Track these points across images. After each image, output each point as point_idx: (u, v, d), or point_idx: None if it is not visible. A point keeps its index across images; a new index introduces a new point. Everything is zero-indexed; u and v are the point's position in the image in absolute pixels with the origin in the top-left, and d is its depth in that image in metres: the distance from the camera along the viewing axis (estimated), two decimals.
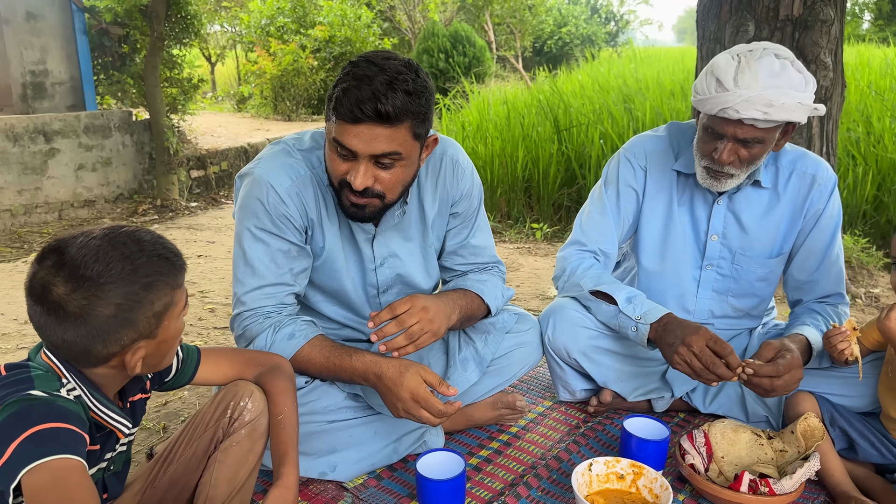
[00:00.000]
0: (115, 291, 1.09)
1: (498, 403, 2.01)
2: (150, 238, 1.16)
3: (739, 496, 1.64)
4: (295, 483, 1.35)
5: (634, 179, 2.02)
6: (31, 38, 6.07)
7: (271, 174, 1.67)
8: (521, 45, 20.67)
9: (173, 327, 1.21)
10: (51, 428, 1.04)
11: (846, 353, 1.67)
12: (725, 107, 1.69)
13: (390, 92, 1.44)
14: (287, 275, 1.71)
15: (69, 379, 1.15)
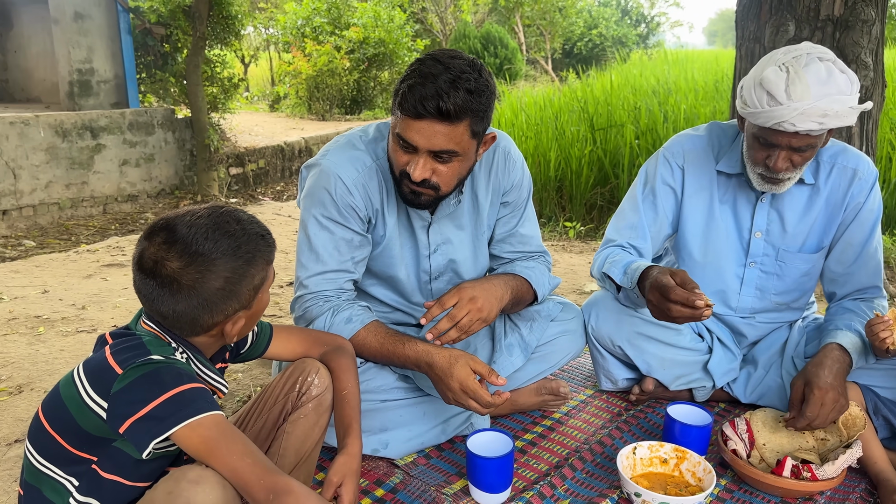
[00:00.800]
0: (223, 266, 1.18)
1: (542, 389, 2.07)
2: (247, 218, 1.26)
3: (782, 481, 1.68)
4: (358, 452, 1.43)
5: (672, 178, 2.05)
6: (79, 37, 6.27)
7: (339, 166, 1.75)
8: (550, 46, 20.70)
9: (265, 299, 1.30)
10: (190, 389, 1.15)
11: (888, 341, 1.70)
12: (781, 121, 1.71)
13: (452, 90, 1.51)
14: (349, 262, 1.79)
15: (175, 344, 1.24)
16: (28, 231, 5.03)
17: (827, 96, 1.68)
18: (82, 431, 1.20)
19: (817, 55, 1.74)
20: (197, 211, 1.22)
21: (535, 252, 2.05)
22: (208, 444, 1.14)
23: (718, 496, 1.74)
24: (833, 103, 1.68)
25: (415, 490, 1.74)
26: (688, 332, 2.11)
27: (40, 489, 1.26)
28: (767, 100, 1.72)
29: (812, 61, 1.72)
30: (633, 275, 1.83)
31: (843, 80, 1.73)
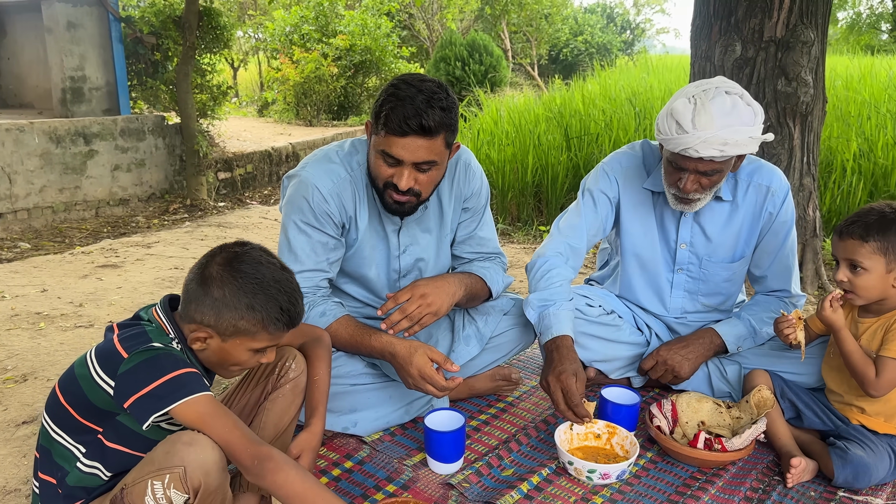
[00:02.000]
0: (231, 288, 1.41)
1: (496, 376, 2.33)
2: (290, 290, 1.47)
3: (696, 452, 1.94)
4: (320, 431, 1.66)
5: (610, 189, 2.27)
6: (71, 45, 6.46)
7: (316, 177, 1.99)
8: (536, 53, 20.99)
9: (239, 353, 1.47)
10: (186, 373, 1.37)
11: (791, 337, 1.96)
12: (686, 147, 1.92)
13: (430, 109, 1.76)
14: (324, 263, 2.03)
15: (174, 335, 1.47)
16: (23, 234, 5.23)
17: (729, 127, 1.89)
18: (91, 405, 1.43)
19: (725, 89, 1.95)
20: (274, 259, 1.49)
21: (492, 253, 2.30)
22: (202, 418, 1.36)
23: (644, 466, 1.99)
24: (734, 133, 1.89)
25: (380, 462, 1.98)
26: (627, 327, 2.36)
27: (51, 453, 1.50)
28: (676, 128, 1.93)
29: (719, 94, 1.93)
30: (545, 331, 2.04)
31: (747, 112, 1.93)
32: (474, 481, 1.90)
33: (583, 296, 2.33)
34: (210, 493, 1.37)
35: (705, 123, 1.90)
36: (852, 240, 1.87)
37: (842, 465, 1.86)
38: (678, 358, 2.22)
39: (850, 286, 1.88)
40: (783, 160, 3.57)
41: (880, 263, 1.84)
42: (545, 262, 2.20)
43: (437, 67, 13.51)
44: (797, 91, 3.48)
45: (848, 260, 1.88)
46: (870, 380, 1.85)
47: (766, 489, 1.89)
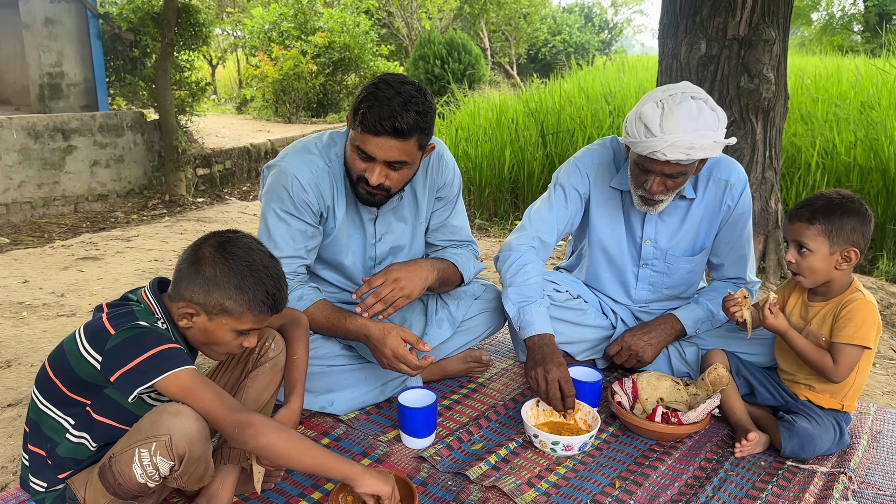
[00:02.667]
0: (220, 270, 1.49)
1: (467, 358, 2.43)
2: (276, 276, 1.55)
3: (654, 425, 2.06)
4: (298, 408, 1.75)
5: (581, 184, 2.36)
6: (49, 42, 6.47)
7: (295, 167, 2.07)
8: (515, 52, 21.15)
9: (224, 333, 1.54)
10: (169, 348, 1.45)
11: (736, 315, 2.08)
12: (654, 150, 1.98)
13: (405, 112, 1.84)
14: (302, 250, 2.11)
15: (160, 315, 1.55)
16: (1, 228, 5.26)
17: (695, 131, 1.96)
18: (79, 379, 1.51)
19: (691, 94, 2.02)
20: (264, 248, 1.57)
21: (464, 241, 2.40)
22: (185, 391, 1.45)
23: (606, 440, 2.11)
24: (700, 138, 1.97)
25: (355, 439, 2.08)
26: (592, 311, 2.48)
27: (40, 425, 1.57)
28: (644, 131, 2.01)
29: (685, 99, 2.00)
30: (526, 326, 2.15)
31: (712, 118, 2.01)
32: (445, 454, 2.00)
33: (550, 281, 2.44)
34: (194, 461, 1.46)
35: (673, 127, 1.97)
36: (800, 222, 1.99)
37: (789, 436, 1.99)
38: (641, 343, 2.33)
39: (797, 267, 2.00)
40: (746, 154, 3.71)
41: (824, 245, 1.96)
42: (520, 256, 2.30)
43: (416, 65, 13.59)
44: (759, 87, 3.61)
45: (796, 241, 2.00)
46: (829, 368, 1.96)
47: (718, 460, 2.01)
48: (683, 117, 1.98)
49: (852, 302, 1.97)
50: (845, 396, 2.07)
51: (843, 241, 1.95)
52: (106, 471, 1.46)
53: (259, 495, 1.81)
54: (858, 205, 1.97)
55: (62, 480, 1.57)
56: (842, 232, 1.95)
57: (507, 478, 1.88)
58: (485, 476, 1.89)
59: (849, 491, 1.88)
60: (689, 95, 2.03)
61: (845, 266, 1.97)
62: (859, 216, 1.96)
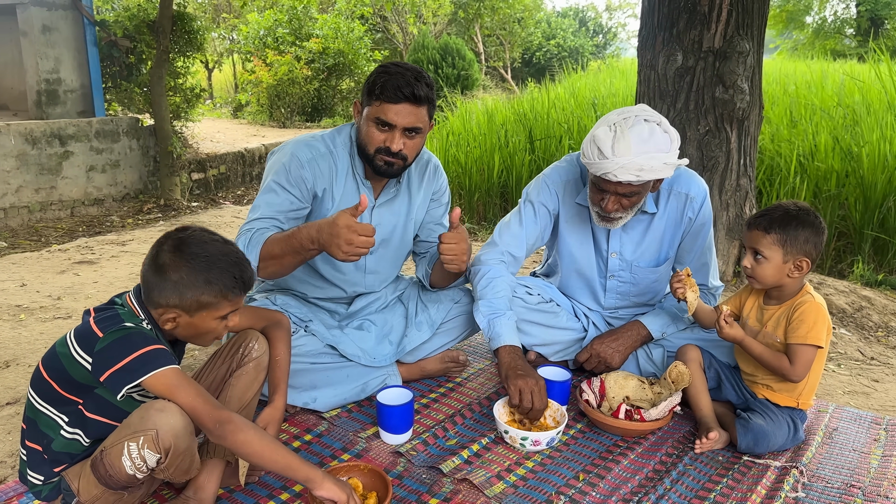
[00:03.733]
0: (186, 269, 1.59)
1: (445, 358, 2.55)
2: (237, 260, 1.65)
3: (618, 421, 2.18)
4: (282, 406, 1.88)
5: (549, 201, 2.47)
6: (46, 49, 6.57)
7: (297, 147, 2.22)
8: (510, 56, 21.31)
9: (208, 323, 1.64)
10: (154, 349, 1.55)
11: (678, 293, 2.21)
12: (606, 171, 2.09)
13: (418, 82, 2.07)
14: (281, 216, 2.14)
15: (144, 317, 1.66)
16: (0, 233, 5.36)
17: (645, 153, 2.07)
18: (72, 379, 1.62)
19: (644, 117, 2.13)
20: (216, 236, 1.66)
21: None
22: (170, 388, 1.56)
23: (573, 436, 2.23)
24: (650, 160, 2.08)
25: (336, 435, 2.20)
26: (565, 314, 2.59)
27: (37, 423, 1.69)
28: (597, 153, 2.12)
29: (638, 123, 2.11)
30: (495, 337, 2.24)
31: (664, 140, 2.11)
32: (421, 450, 2.12)
33: (524, 285, 2.56)
34: (179, 454, 1.57)
35: (623, 150, 2.07)
36: (757, 231, 2.11)
37: (744, 432, 2.11)
38: (609, 350, 2.45)
39: (752, 272, 2.13)
40: (721, 162, 3.84)
41: (778, 254, 2.08)
42: (489, 270, 2.40)
43: None
44: (734, 98, 3.74)
45: (752, 248, 2.13)
46: (787, 369, 2.08)
47: (679, 455, 2.13)
48: (634, 140, 2.08)
49: (803, 304, 2.10)
50: (801, 395, 2.19)
51: (797, 251, 2.07)
52: (97, 463, 1.57)
53: (243, 487, 1.93)
54: (813, 217, 2.09)
55: (57, 473, 1.69)
56: (796, 242, 2.07)
57: (478, 471, 2.00)
58: (457, 469, 2.01)
59: (799, 484, 2.00)
60: (642, 118, 2.13)
61: (797, 274, 2.09)
62: (813, 228, 2.08)
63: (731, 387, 2.31)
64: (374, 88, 2.08)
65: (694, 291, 2.22)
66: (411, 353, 2.47)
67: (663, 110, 3.88)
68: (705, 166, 3.84)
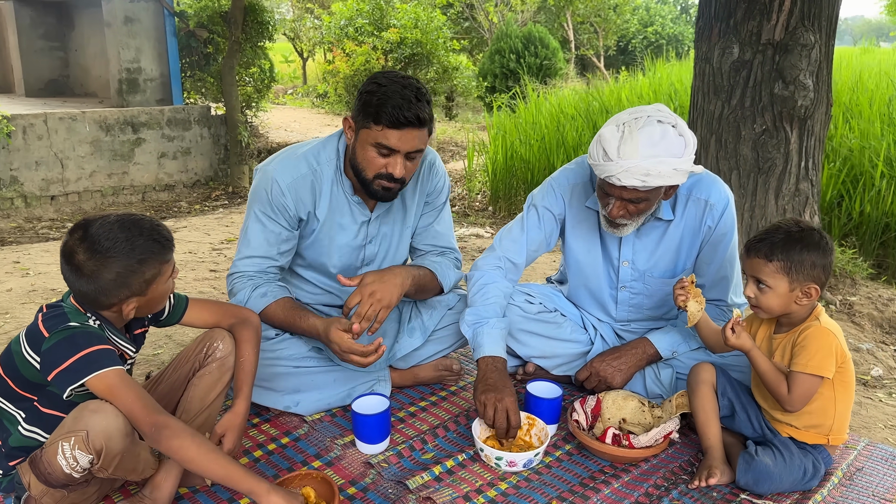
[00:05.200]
0: (117, 263, 1.57)
1: (439, 366, 2.46)
2: (149, 225, 1.63)
3: (603, 446, 2.02)
4: (243, 411, 1.82)
5: (556, 206, 2.32)
6: (128, 39, 6.88)
7: (277, 171, 2.15)
8: (603, 44, 20.72)
9: (160, 289, 1.66)
10: (98, 350, 1.55)
11: (679, 301, 2.01)
12: (610, 175, 1.93)
13: (419, 102, 1.94)
14: (274, 251, 2.19)
15: (90, 315, 1.65)
16: (72, 215, 5.65)
17: (654, 157, 1.89)
18: (24, 378, 1.63)
19: (658, 118, 1.94)
20: (110, 216, 1.61)
21: (446, 248, 2.43)
22: (110, 389, 1.55)
23: (559, 458, 2.09)
24: (658, 164, 1.89)
25: (314, 440, 2.15)
26: (569, 325, 2.44)
27: (1, 419, 1.71)
28: (602, 155, 1.96)
29: (650, 123, 1.92)
30: (477, 348, 2.14)
31: (677, 143, 1.93)
32: (394, 462, 2.05)
33: (524, 293, 2.42)
34: (113, 456, 1.56)
35: (629, 153, 1.91)
36: (758, 258, 1.89)
37: (745, 468, 1.91)
38: (610, 370, 2.29)
39: (757, 302, 1.92)
40: (778, 164, 3.54)
41: (783, 282, 1.86)
42: (482, 276, 2.29)
43: (492, 60, 13.56)
44: (794, 95, 3.44)
45: (754, 277, 1.92)
46: (783, 396, 1.88)
47: (668, 487, 1.96)
48: (643, 142, 1.91)
49: (807, 330, 1.88)
50: (831, 431, 1.96)
51: (804, 277, 1.85)
52: (37, 461, 1.58)
53: (209, 488, 1.91)
54: (818, 238, 1.87)
55: (13, 468, 1.71)
56: (802, 268, 1.85)
57: (446, 490, 1.90)
58: (424, 486, 1.92)
59: None
60: (655, 119, 1.95)
61: (805, 301, 1.88)
62: (819, 251, 1.86)
63: (746, 419, 2.09)
64: (371, 110, 1.94)
65: (698, 302, 2.02)
66: (403, 359, 2.40)
67: (717, 107, 3.62)
68: (760, 168, 3.55)
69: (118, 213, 1.64)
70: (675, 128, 1.96)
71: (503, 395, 2.00)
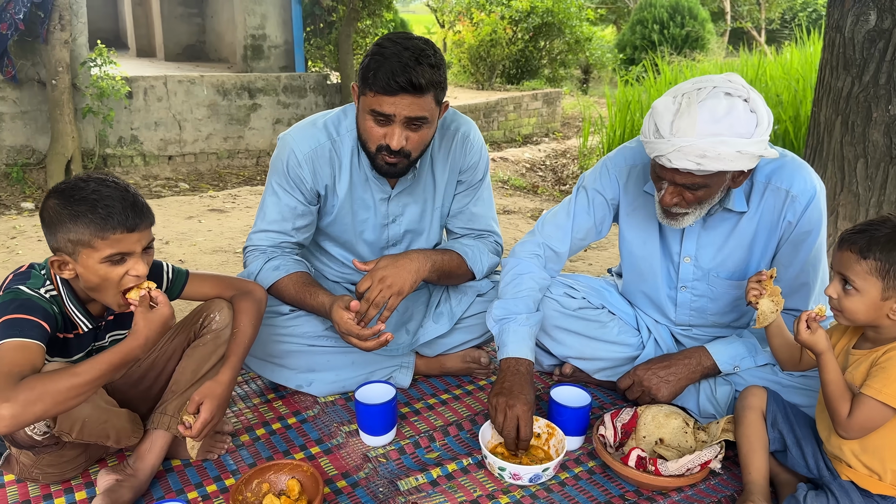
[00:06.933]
0: (54, 210, 1.49)
1: (467, 357, 2.26)
2: (110, 194, 1.51)
3: (626, 469, 1.75)
4: (227, 381, 1.71)
5: (608, 188, 2.04)
6: (254, 5, 7.06)
7: (296, 141, 2.04)
8: (766, 16, 19.12)
9: (95, 267, 1.51)
10: (17, 318, 1.46)
11: (751, 295, 1.68)
12: (659, 154, 1.66)
13: (418, 66, 1.74)
14: (288, 226, 2.08)
15: (53, 283, 1.58)
16: (187, 175, 5.91)
17: (714, 136, 1.58)
18: None
19: (727, 90, 1.62)
20: (108, 179, 1.54)
21: (484, 231, 2.22)
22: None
23: (578, 475, 1.84)
24: (718, 145, 1.58)
25: (320, 424, 2.04)
26: (617, 326, 2.15)
27: None
28: (653, 131, 1.67)
29: (714, 96, 1.61)
30: (502, 347, 1.92)
31: (746, 122, 1.61)
32: (394, 458, 1.89)
33: (566, 285, 2.16)
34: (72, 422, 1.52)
35: (684, 129, 1.61)
36: (850, 253, 1.54)
37: None
38: (655, 380, 1.99)
39: (838, 304, 1.57)
40: None
41: (875, 287, 1.51)
42: (517, 265, 2.06)
43: (634, 31, 12.86)
44: None
45: (840, 274, 1.57)
46: (840, 417, 1.55)
47: None
48: (703, 118, 1.60)
49: (894, 350, 1.52)
50: None
51: None
52: None
53: (200, 463, 1.86)
54: None
55: None
56: None
57: (437, 496, 1.73)
58: (416, 490, 1.75)
59: None
60: (722, 91, 1.62)
61: None
62: None
63: (799, 455, 1.75)
64: (367, 74, 1.78)
65: (775, 302, 1.69)
66: (429, 346, 2.23)
67: (845, 84, 3.11)
68: (893, 157, 3.02)
69: (115, 180, 1.56)
70: (748, 102, 1.62)
71: (516, 402, 1.78)
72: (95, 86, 5.25)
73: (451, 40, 10.70)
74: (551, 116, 9.58)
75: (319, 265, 2.28)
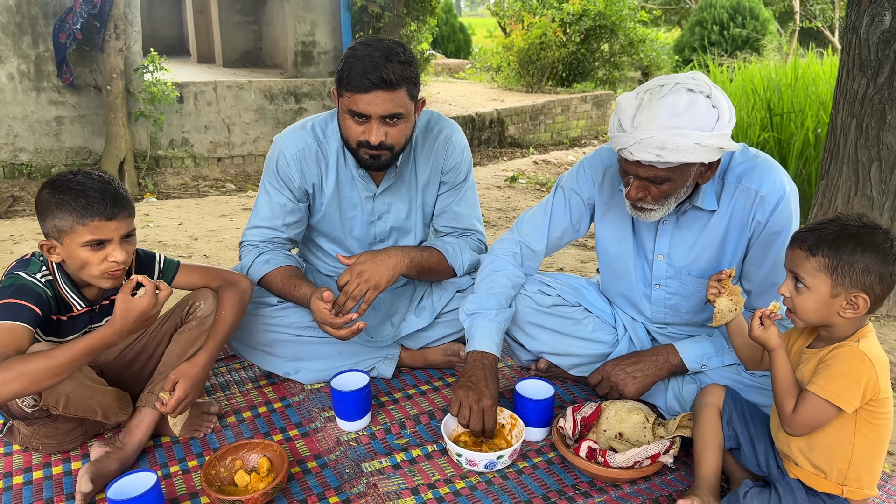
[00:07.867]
0: (44, 200, 1.66)
1: (448, 350, 2.35)
2: (93, 185, 1.67)
3: (577, 459, 1.81)
4: (202, 363, 1.86)
5: (584, 188, 2.09)
6: (304, 13, 7.30)
7: (285, 142, 2.19)
8: (839, 16, 18.41)
9: (77, 252, 1.65)
10: (8, 303, 1.63)
11: (710, 293, 1.73)
12: (622, 147, 1.72)
13: (388, 63, 1.87)
14: (279, 223, 2.22)
15: (49, 268, 1.75)
16: (234, 177, 6.18)
17: (673, 129, 1.63)
18: None
19: (689, 86, 1.68)
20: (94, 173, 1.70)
21: (467, 230, 2.31)
22: None
23: (536, 465, 1.91)
24: (678, 136, 1.63)
25: (302, 409, 2.17)
26: (591, 323, 2.20)
27: None
28: (617, 125, 1.74)
29: (676, 91, 1.67)
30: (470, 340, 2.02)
31: (707, 116, 1.65)
32: (364, 442, 2.00)
33: (542, 282, 2.22)
34: (56, 397, 1.68)
35: (645, 122, 1.67)
36: (800, 250, 1.57)
37: None
38: (623, 376, 2.04)
39: (790, 303, 1.59)
40: None
41: (825, 284, 1.53)
42: (492, 262, 2.14)
43: (692, 32, 12.63)
44: None
45: (792, 272, 1.59)
46: (786, 413, 1.57)
47: None
48: (663, 112, 1.65)
49: (840, 348, 1.53)
50: (846, 478, 1.61)
51: (851, 283, 1.50)
52: None
53: (186, 440, 2.01)
54: (882, 239, 1.50)
55: None
56: (851, 271, 1.50)
57: (396, 479, 1.83)
58: (378, 472, 1.86)
59: None
60: (684, 87, 1.68)
61: (850, 313, 1.52)
62: (879, 254, 1.49)
63: (751, 453, 1.77)
64: (342, 76, 1.91)
65: (733, 301, 1.73)
66: (412, 339, 2.33)
67: (861, 85, 3.06)
68: None
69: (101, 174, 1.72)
70: (710, 98, 1.67)
71: (481, 397, 1.87)
72: (147, 91, 5.59)
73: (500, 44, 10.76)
74: (601, 119, 9.53)
75: (314, 260, 2.42)
